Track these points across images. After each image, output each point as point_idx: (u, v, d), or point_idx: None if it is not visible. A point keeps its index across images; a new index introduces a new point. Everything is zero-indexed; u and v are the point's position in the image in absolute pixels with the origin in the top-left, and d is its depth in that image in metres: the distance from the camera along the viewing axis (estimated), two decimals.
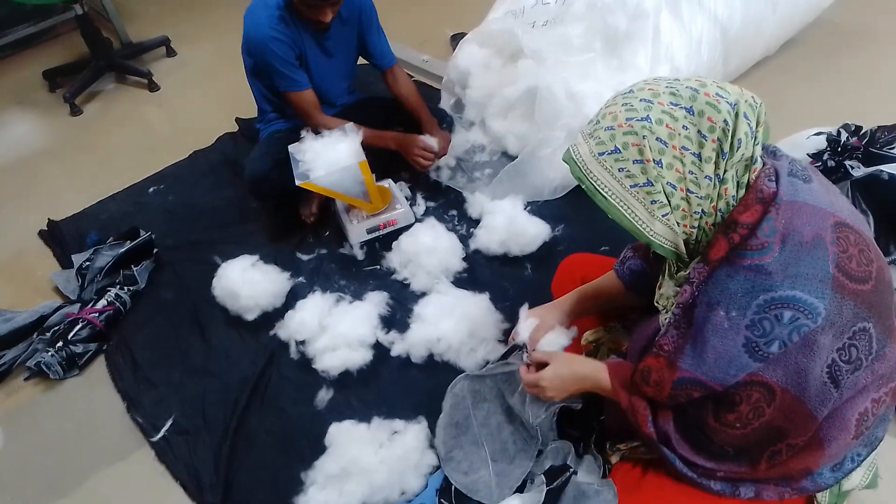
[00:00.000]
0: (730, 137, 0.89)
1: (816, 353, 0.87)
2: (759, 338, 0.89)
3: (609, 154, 0.93)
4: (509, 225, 2.03)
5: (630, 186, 0.92)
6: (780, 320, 0.87)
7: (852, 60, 2.80)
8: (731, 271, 0.92)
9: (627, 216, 0.94)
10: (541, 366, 1.24)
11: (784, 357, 0.88)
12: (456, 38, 3.13)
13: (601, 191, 0.95)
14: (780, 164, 0.96)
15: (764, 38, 2.57)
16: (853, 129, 1.85)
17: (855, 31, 2.99)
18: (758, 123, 0.91)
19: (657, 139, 0.89)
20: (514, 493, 1.32)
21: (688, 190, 0.91)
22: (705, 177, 0.90)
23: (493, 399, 1.47)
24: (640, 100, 0.92)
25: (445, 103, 2.69)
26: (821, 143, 1.84)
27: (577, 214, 2.19)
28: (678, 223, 0.93)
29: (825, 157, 1.78)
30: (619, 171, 0.92)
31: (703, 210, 0.92)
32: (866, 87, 2.63)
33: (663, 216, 0.92)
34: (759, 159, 0.93)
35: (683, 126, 0.89)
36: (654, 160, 0.90)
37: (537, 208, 2.22)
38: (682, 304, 0.99)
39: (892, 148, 1.75)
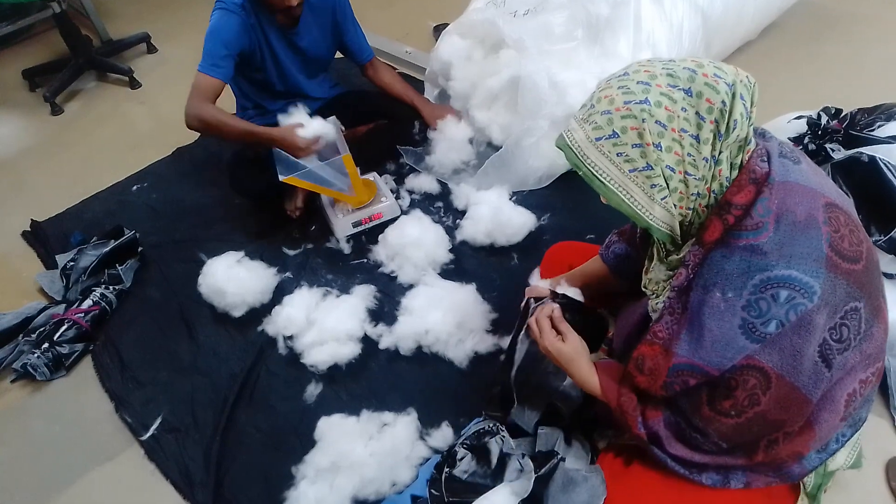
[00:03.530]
0: (726, 118, 0.87)
1: (812, 333, 0.86)
2: (756, 318, 0.88)
3: (607, 139, 0.91)
4: (495, 215, 2.04)
5: (629, 171, 0.91)
6: (776, 300, 0.86)
7: (833, 44, 2.82)
8: (726, 252, 0.91)
9: (627, 201, 0.93)
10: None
11: (780, 338, 0.87)
12: (438, 30, 3.12)
13: (599, 176, 0.93)
14: (771, 146, 0.96)
15: (745, 23, 2.57)
16: (833, 112, 1.86)
17: (835, 14, 3.00)
18: (752, 103, 0.90)
19: (656, 122, 0.88)
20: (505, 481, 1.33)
21: (686, 172, 0.90)
22: (703, 158, 0.89)
23: None
24: (637, 82, 0.90)
25: (429, 95, 2.69)
26: (801, 126, 1.85)
27: (562, 203, 2.20)
28: (675, 205, 0.92)
29: (806, 140, 1.79)
30: (618, 155, 0.91)
31: (698, 192, 0.92)
32: (847, 71, 2.65)
33: (662, 199, 0.91)
34: (752, 140, 0.93)
35: (682, 108, 0.88)
36: (653, 143, 0.88)
37: (523, 198, 2.23)
38: (676, 287, 0.98)
39: (872, 130, 1.76)
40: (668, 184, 0.90)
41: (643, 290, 1.18)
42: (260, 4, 1.99)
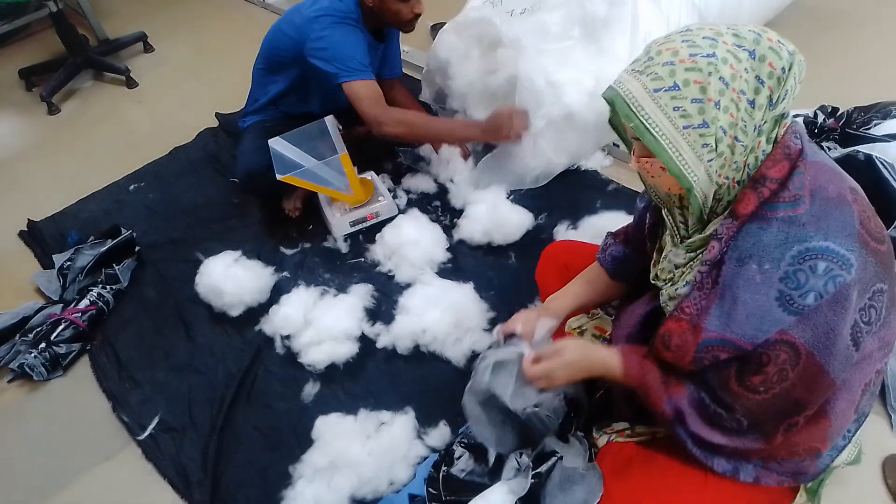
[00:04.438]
0: (780, 87, 0.87)
1: (847, 310, 0.86)
2: (794, 290, 0.87)
3: (666, 91, 0.88)
4: (492, 214, 2.04)
5: (683, 127, 0.88)
6: (814, 271, 0.86)
7: (829, 43, 2.82)
8: (763, 224, 0.91)
9: (675, 158, 0.90)
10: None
11: (815, 313, 0.86)
12: (436, 29, 3.12)
13: (652, 129, 0.90)
14: (800, 128, 0.96)
15: (741, 21, 2.57)
16: (830, 110, 1.87)
17: (831, 13, 3.01)
18: (799, 79, 0.89)
19: (720, 79, 0.85)
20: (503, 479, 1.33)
21: (735, 137, 0.88)
22: (752, 126, 0.88)
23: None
24: (703, 37, 0.88)
25: (426, 94, 2.68)
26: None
27: (559, 202, 2.20)
28: (716, 172, 0.91)
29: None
30: (674, 110, 0.88)
31: (738, 163, 0.91)
32: (843, 69, 2.65)
33: (708, 161, 0.90)
34: (788, 115, 0.93)
35: (745, 69, 0.86)
36: (714, 101, 0.86)
37: (520, 197, 2.23)
38: (709, 261, 0.97)
39: (869, 128, 1.77)
40: (717, 146, 0.88)
41: (653, 282, 1.17)
42: (373, 19, 2.02)
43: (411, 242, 2.00)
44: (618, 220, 1.97)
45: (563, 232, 2.05)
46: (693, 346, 0.98)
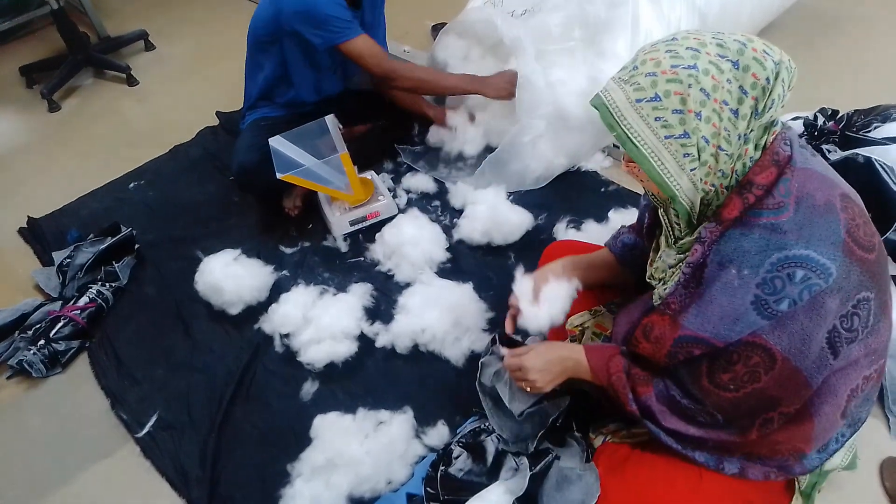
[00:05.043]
0: (766, 97, 0.87)
1: (823, 318, 0.87)
2: (769, 295, 0.88)
3: (648, 101, 0.89)
4: (492, 214, 2.03)
5: (664, 137, 0.90)
6: (792, 279, 0.87)
7: (830, 45, 2.82)
8: (745, 230, 0.92)
9: (656, 167, 0.92)
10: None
11: (790, 319, 0.88)
12: (436, 29, 3.12)
13: (633, 139, 0.91)
14: (792, 134, 0.97)
15: (742, 23, 2.57)
16: (830, 113, 1.87)
17: (832, 15, 3.01)
18: (789, 87, 0.90)
19: (701, 90, 0.87)
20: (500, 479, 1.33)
21: (719, 146, 0.89)
22: (737, 135, 0.89)
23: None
24: (687, 48, 0.89)
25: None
26: (798, 127, 1.86)
27: (559, 203, 2.20)
28: (701, 179, 0.92)
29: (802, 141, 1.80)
30: (656, 120, 0.89)
31: (723, 170, 0.91)
32: (843, 72, 2.65)
33: (691, 170, 0.91)
34: (778, 122, 0.94)
35: (728, 80, 0.87)
36: (694, 112, 0.87)
37: (520, 197, 2.23)
38: (692, 263, 0.99)
39: (869, 131, 1.77)
40: (699, 155, 0.90)
41: (648, 281, 1.18)
42: None
43: (411, 242, 2.00)
44: (617, 221, 1.98)
45: (562, 232, 2.05)
46: (670, 340, 1.01)
